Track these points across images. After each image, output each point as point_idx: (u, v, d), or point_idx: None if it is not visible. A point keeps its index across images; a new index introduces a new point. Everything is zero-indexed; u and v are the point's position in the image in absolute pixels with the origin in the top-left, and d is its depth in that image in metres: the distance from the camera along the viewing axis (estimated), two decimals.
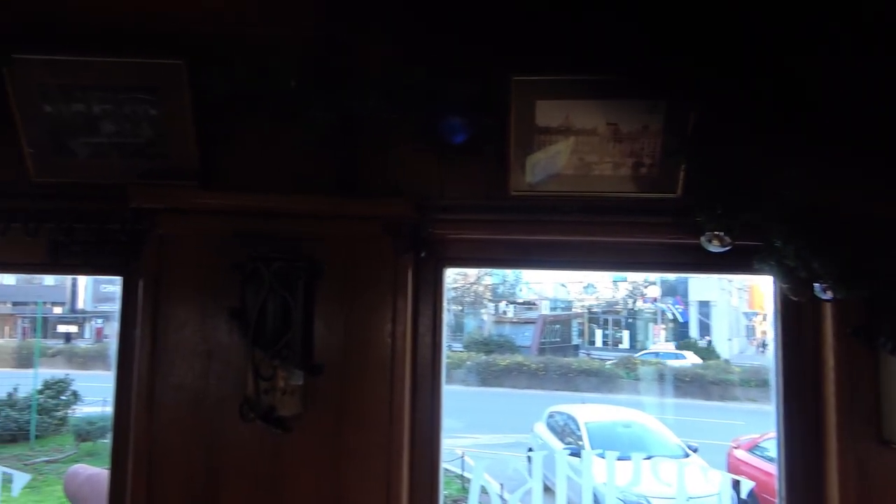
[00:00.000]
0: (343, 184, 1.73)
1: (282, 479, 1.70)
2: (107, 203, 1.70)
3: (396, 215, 1.70)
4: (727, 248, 1.61)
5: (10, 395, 13.38)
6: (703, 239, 1.62)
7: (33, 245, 1.74)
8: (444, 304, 1.84)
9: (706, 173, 1.59)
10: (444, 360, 1.85)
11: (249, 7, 1.73)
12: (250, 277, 1.69)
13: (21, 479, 5.21)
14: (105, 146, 1.73)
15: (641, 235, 1.80)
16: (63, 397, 13.56)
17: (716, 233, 1.59)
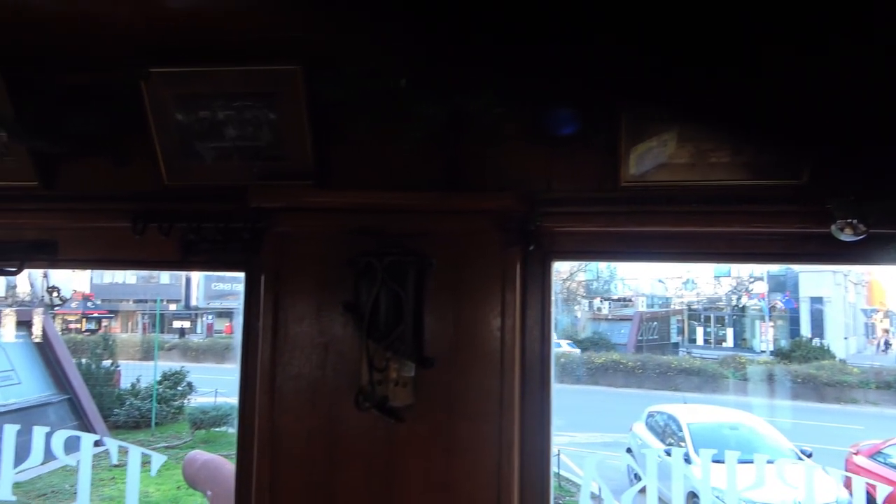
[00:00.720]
0: (451, 179, 1.76)
1: (394, 467, 1.75)
2: (231, 203, 1.81)
3: (504, 209, 1.71)
4: (861, 237, 1.51)
5: (133, 385, 14.52)
6: (833, 227, 1.53)
7: (166, 244, 1.88)
8: (553, 297, 1.83)
9: (838, 158, 1.49)
10: (553, 354, 1.84)
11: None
12: (363, 272, 1.75)
13: (158, 459, 5.65)
14: (228, 150, 1.84)
15: (761, 224, 1.71)
16: (179, 388, 14.57)
17: (848, 221, 1.49)
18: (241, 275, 1.96)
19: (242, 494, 1.85)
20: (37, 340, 12.13)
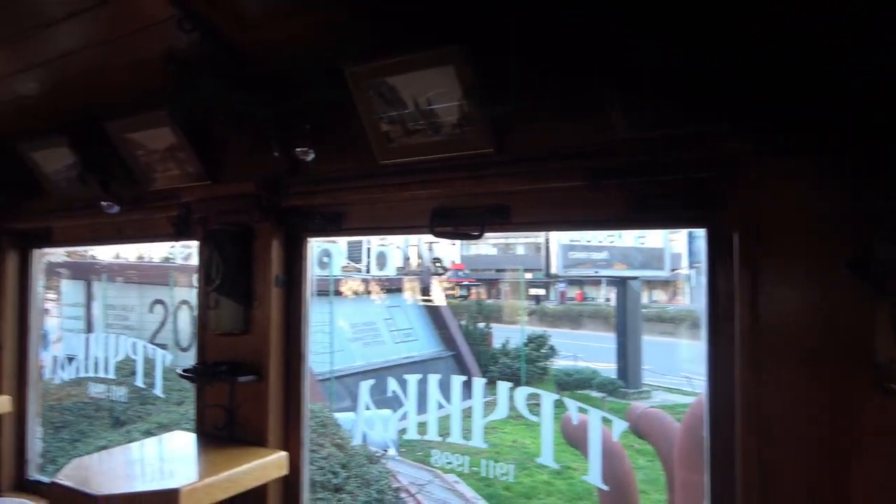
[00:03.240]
0: None
1: None
2: (693, 152, 1.61)
3: None
4: None
5: (503, 345, 15.91)
6: None
7: (616, 201, 1.78)
8: None
9: None
10: None
11: None
12: (880, 221, 1.38)
13: (619, 425, 6.00)
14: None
15: None
16: (543, 350, 15.47)
17: None
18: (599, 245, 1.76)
19: (719, 467, 1.66)
20: (427, 304, 14.15)
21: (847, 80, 1.41)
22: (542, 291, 27.21)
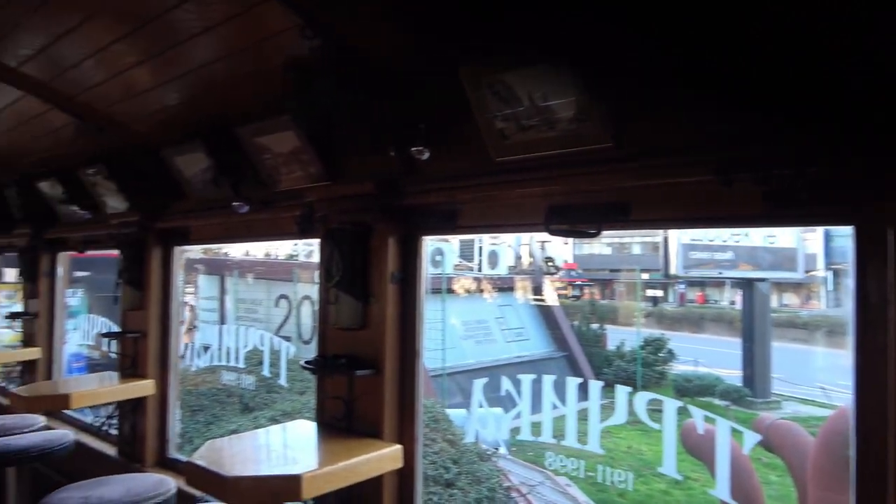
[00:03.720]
0: None
1: None
2: (838, 141, 1.46)
3: None
4: None
5: (618, 347, 15.42)
6: None
7: (748, 197, 1.65)
8: None
9: None
10: None
11: None
12: None
13: (750, 437, 5.74)
14: None
15: None
16: (661, 354, 14.83)
17: None
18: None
19: (867, 487, 1.50)
20: (539, 304, 14.00)
21: None
22: (659, 293, 26.10)
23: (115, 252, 4.05)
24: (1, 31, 2.73)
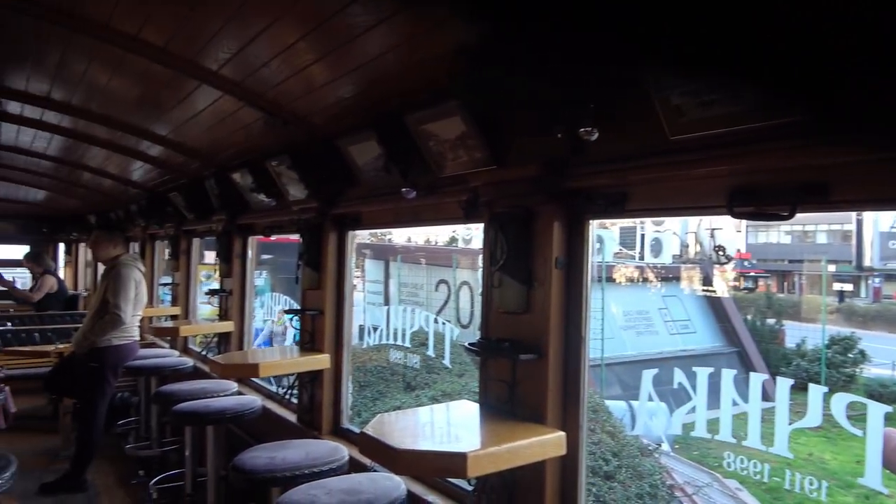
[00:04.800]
0: None
1: None
2: None
3: None
4: None
5: (798, 346, 14.07)
6: None
7: None
8: None
9: None
10: None
11: None
12: None
13: None
14: None
15: None
16: (850, 355, 13.31)
17: None
18: None
19: None
20: (708, 295, 13.14)
21: None
22: (848, 286, 23.36)
23: (294, 237, 4.41)
24: (205, 39, 3.06)
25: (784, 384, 6.09)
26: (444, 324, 9.68)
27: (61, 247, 13.46)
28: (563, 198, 2.33)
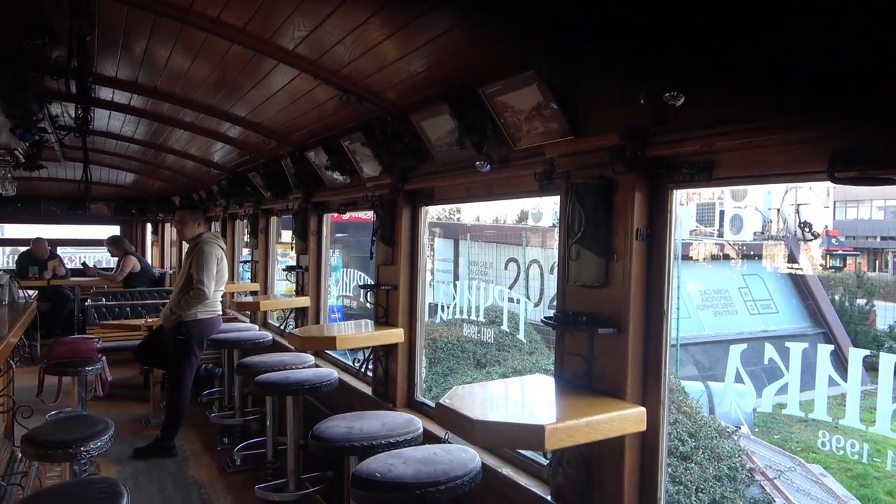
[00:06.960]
0: None
1: None
2: None
3: None
4: None
5: (891, 328, 13.25)
6: None
7: None
8: None
9: None
10: None
11: None
12: None
13: None
14: None
15: None
16: None
17: None
18: None
19: None
20: (792, 273, 12.51)
21: None
22: None
23: (366, 216, 4.45)
24: (280, 19, 3.11)
25: (888, 360, 5.70)
26: (517, 301, 9.65)
27: (148, 227, 14.21)
28: (644, 167, 2.25)
